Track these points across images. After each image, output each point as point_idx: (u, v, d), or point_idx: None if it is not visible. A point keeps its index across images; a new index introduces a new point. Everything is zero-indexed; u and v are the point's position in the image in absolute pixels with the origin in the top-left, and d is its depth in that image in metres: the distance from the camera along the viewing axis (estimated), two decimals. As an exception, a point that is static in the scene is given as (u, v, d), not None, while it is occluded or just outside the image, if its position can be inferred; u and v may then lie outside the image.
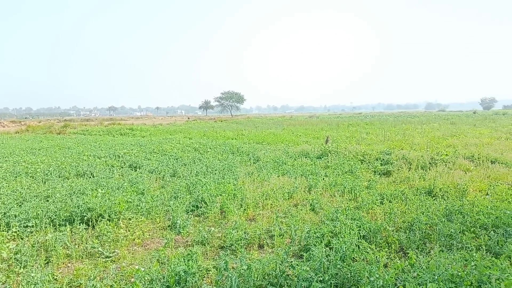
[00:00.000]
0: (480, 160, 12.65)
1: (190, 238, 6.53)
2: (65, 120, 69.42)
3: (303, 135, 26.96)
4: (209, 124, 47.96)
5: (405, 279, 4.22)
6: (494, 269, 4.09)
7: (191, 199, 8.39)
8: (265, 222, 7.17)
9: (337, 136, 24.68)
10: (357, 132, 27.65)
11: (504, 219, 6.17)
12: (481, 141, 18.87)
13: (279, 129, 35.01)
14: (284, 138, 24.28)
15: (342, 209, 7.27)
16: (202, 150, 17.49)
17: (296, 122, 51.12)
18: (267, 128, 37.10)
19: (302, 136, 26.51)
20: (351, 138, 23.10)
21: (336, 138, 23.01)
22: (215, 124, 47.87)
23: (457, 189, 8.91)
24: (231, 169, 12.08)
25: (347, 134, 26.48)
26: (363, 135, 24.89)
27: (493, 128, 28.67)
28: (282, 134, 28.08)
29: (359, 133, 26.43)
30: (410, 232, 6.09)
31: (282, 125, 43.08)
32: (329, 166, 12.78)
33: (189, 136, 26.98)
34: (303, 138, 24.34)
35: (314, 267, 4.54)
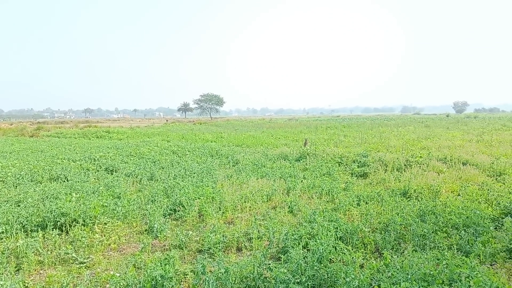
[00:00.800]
0: (452, 162, 13.05)
1: (168, 242, 6.45)
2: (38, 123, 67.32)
3: (282, 138, 27.12)
4: (188, 127, 47.55)
5: (380, 279, 4.31)
6: (464, 267, 4.23)
7: (168, 203, 8.29)
8: (243, 225, 7.16)
9: (315, 138, 24.95)
10: (335, 135, 28.05)
11: (474, 219, 6.38)
12: (453, 144, 19.48)
13: (258, 131, 35.09)
14: (264, 140, 24.36)
15: (319, 211, 7.35)
16: (181, 153, 17.32)
17: (276, 124, 51.36)
18: (247, 130, 37.13)
19: (282, 138, 26.67)
20: (329, 140, 23.39)
21: (315, 140, 23.27)
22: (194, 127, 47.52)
23: (430, 190, 9.16)
24: (210, 172, 12.02)
25: (326, 136, 26.81)
26: (341, 137, 25.26)
27: (464, 131, 29.67)
28: (261, 136, 28.15)
29: (337, 136, 26.81)
30: (385, 233, 6.21)
31: (261, 127, 43.21)
32: (307, 169, 12.91)
33: (167, 139, 26.67)
34: (283, 141, 24.48)
35: (292, 269, 4.57)
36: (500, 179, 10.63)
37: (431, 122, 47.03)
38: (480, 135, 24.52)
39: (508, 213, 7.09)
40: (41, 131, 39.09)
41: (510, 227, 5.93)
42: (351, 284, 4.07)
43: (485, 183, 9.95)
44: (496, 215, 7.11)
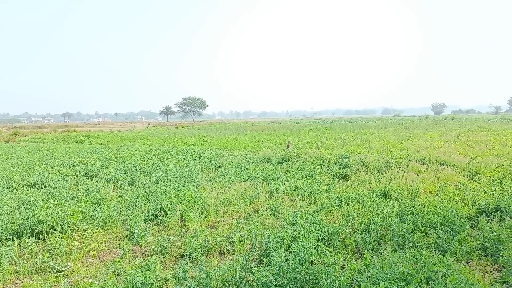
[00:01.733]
0: (430, 163, 13.35)
1: (149, 247, 6.37)
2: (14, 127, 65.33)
3: (265, 141, 27.20)
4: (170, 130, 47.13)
5: (360, 279, 4.37)
6: (441, 266, 4.33)
7: (150, 208, 8.19)
8: (226, 228, 7.14)
9: (298, 141, 25.12)
10: (317, 137, 28.31)
11: (451, 218, 6.54)
12: (432, 145, 19.95)
13: (241, 134, 35.09)
14: (247, 143, 24.37)
15: (301, 213, 7.39)
16: (162, 157, 17.14)
17: (259, 127, 51.48)
18: (230, 134, 37.09)
19: (264, 141, 26.75)
20: (311, 143, 23.59)
21: (297, 143, 23.42)
22: (176, 130, 47.12)
23: (409, 191, 9.34)
24: (192, 176, 11.93)
25: (308, 139, 27.04)
26: (323, 140, 25.52)
27: (442, 132, 30.43)
28: (244, 139, 28.16)
29: (319, 138, 27.08)
30: (366, 234, 6.30)
31: (244, 130, 43.23)
32: (290, 171, 12.97)
33: (149, 143, 26.37)
34: (265, 144, 24.56)
35: (274, 272, 4.58)
36: (476, 178, 10.93)
37: (411, 124, 48.05)
38: (457, 136, 25.19)
39: (483, 212, 7.30)
40: (17, 136, 38.01)
41: (485, 226, 6.11)
42: (332, 285, 4.11)
43: (462, 183, 10.23)
44: (472, 214, 7.31)
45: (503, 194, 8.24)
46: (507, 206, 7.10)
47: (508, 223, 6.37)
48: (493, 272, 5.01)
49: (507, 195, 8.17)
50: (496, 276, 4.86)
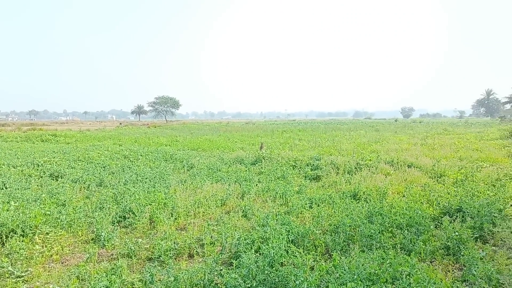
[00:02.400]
0: (398, 165, 13.75)
1: (116, 251, 6.19)
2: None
3: (239, 142, 27.14)
4: (141, 130, 46.15)
5: (328, 280, 4.42)
6: (406, 265, 4.45)
7: (118, 210, 7.97)
8: (196, 230, 7.05)
9: (271, 142, 25.23)
10: (290, 139, 28.54)
11: (417, 219, 6.75)
12: (400, 147, 20.56)
13: (215, 135, 34.87)
14: (220, 144, 24.23)
15: (272, 215, 7.41)
16: (133, 157, 16.75)
17: (233, 128, 51.34)
18: (203, 134, 36.76)
19: (238, 142, 26.68)
20: (284, 144, 23.75)
21: (271, 144, 23.52)
22: (148, 130, 46.21)
23: (378, 192, 9.57)
24: (163, 177, 11.72)
25: (281, 140, 27.21)
26: (296, 141, 25.75)
27: (410, 135, 31.44)
28: (218, 140, 27.99)
29: (292, 140, 27.30)
30: (335, 234, 6.39)
31: (218, 131, 42.99)
32: (262, 172, 13.00)
33: (119, 143, 25.69)
34: (239, 145, 24.50)
35: (243, 274, 4.56)
36: (440, 180, 11.35)
37: (381, 126, 49.37)
38: (424, 139, 26.09)
39: (446, 213, 7.58)
40: (-23, 134, 36.07)
41: (447, 226, 6.33)
42: (300, 287, 4.13)
43: (427, 184, 10.59)
44: (436, 215, 7.57)
45: (465, 196, 8.58)
46: (469, 207, 7.40)
47: (469, 223, 6.64)
48: (455, 271, 5.20)
49: (469, 196, 8.52)
50: (457, 275, 5.04)
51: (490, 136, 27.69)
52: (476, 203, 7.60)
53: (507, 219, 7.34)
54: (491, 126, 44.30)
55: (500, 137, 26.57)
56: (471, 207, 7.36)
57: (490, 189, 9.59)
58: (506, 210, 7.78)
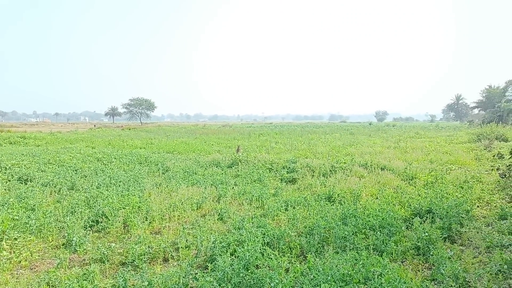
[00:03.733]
0: (372, 167, 14.06)
1: (88, 256, 6.04)
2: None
3: (215, 144, 27.02)
4: (115, 132, 45.16)
5: (303, 281, 4.47)
6: (378, 266, 4.57)
7: (90, 214, 7.77)
8: (171, 234, 6.97)
9: (248, 145, 25.25)
10: (267, 142, 28.65)
11: (389, 220, 6.93)
12: (374, 150, 21.03)
13: (191, 138, 34.56)
14: (196, 147, 24.05)
15: (248, 218, 7.43)
16: (106, 160, 16.36)
17: (209, 131, 51.05)
18: (179, 137, 36.36)
19: (215, 145, 26.56)
20: (261, 147, 23.82)
21: (248, 147, 23.54)
22: (123, 132, 45.29)
23: (352, 194, 9.75)
24: (137, 181, 11.52)
25: (258, 143, 27.27)
26: (272, 144, 25.87)
27: (384, 138, 32.22)
28: (194, 143, 27.76)
29: (269, 143, 27.42)
30: (310, 236, 6.47)
31: (194, 134, 42.63)
32: (239, 175, 13.00)
33: (92, 145, 25.05)
34: (215, 147, 24.39)
35: (218, 278, 4.55)
36: (412, 182, 11.70)
37: (356, 130, 50.32)
38: (397, 142, 26.78)
39: (417, 214, 7.82)
40: None
41: (418, 227, 6.54)
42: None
43: (400, 186, 10.89)
44: (408, 216, 7.79)
45: (435, 197, 8.88)
46: (438, 208, 7.67)
47: (438, 224, 6.88)
48: (424, 270, 5.38)
49: (438, 198, 8.81)
50: (427, 274, 5.21)
51: (459, 140, 28.78)
52: (445, 205, 7.89)
53: (474, 219, 7.66)
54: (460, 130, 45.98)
55: (468, 140, 27.64)
56: (440, 209, 7.64)
57: (458, 190, 9.97)
58: (473, 211, 8.12)
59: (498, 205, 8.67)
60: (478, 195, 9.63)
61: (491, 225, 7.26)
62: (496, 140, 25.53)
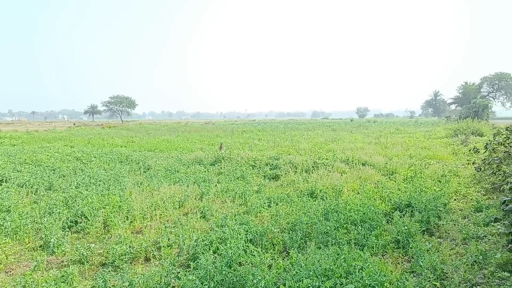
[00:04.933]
0: (353, 163, 14.24)
1: (66, 257, 5.89)
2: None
3: (198, 142, 26.83)
4: (95, 131, 44.30)
5: (285, 277, 4.48)
6: (359, 260, 4.63)
7: (69, 214, 7.59)
8: (153, 233, 6.88)
9: (231, 142, 25.19)
10: (250, 139, 28.65)
11: (370, 215, 7.04)
12: (355, 146, 21.30)
13: (173, 135, 34.22)
14: (178, 145, 23.82)
15: (231, 215, 7.41)
16: (86, 159, 16.02)
17: (192, 128, 50.66)
18: (161, 135, 35.94)
19: (197, 143, 26.37)
20: (244, 144, 23.80)
21: (230, 144, 23.48)
22: (103, 131, 44.46)
23: (334, 190, 9.86)
24: (118, 179, 11.32)
25: (241, 140, 27.23)
26: (255, 141, 25.89)
27: (365, 134, 32.69)
28: (176, 141, 27.49)
29: (252, 140, 27.42)
30: (293, 232, 6.49)
31: (176, 131, 42.22)
32: (222, 173, 12.95)
33: (70, 144, 24.49)
34: (198, 145, 24.22)
35: (200, 276, 4.51)
36: (392, 177, 11.91)
37: (337, 126, 50.87)
38: (377, 138, 27.20)
39: (397, 208, 7.96)
40: None
41: (398, 221, 6.66)
42: (258, 285, 4.17)
43: (380, 181, 11.08)
44: (388, 210, 7.93)
45: (414, 191, 9.06)
46: (417, 202, 7.84)
47: (417, 218, 7.03)
48: (404, 263, 5.48)
49: (417, 192, 9.00)
50: (406, 267, 5.32)
51: (437, 135, 29.49)
52: (424, 198, 8.07)
53: (451, 212, 7.87)
54: (438, 125, 47.08)
55: (446, 135, 28.36)
56: (419, 202, 7.80)
57: (436, 184, 10.23)
58: (450, 204, 8.34)
59: (474, 198, 8.92)
60: (455, 189, 9.90)
61: (467, 218, 7.48)
62: (472, 135, 26.27)
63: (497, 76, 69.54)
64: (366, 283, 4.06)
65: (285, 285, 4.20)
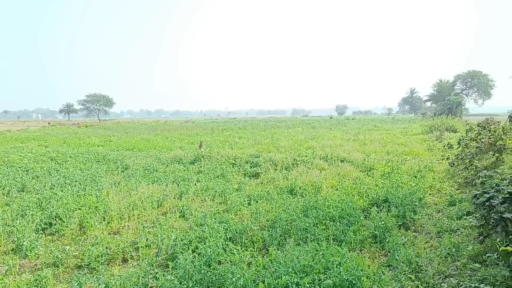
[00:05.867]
0: (332, 160, 14.40)
1: (40, 260, 5.72)
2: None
3: (177, 141, 26.53)
4: (71, 130, 43.13)
5: (264, 275, 4.49)
6: (337, 255, 4.69)
7: (43, 216, 7.37)
8: (130, 234, 6.78)
9: (211, 141, 25.04)
10: (230, 137, 28.54)
11: (348, 211, 7.14)
12: (334, 143, 21.54)
13: (152, 134, 33.71)
14: (157, 144, 23.49)
15: (211, 213, 7.37)
16: (61, 159, 15.58)
17: (171, 127, 50.01)
18: (139, 133, 35.33)
19: (177, 141, 26.08)
20: (224, 142, 23.70)
21: (211, 143, 23.34)
22: (79, 130, 43.34)
23: (313, 187, 9.95)
24: (95, 180, 11.07)
25: (221, 138, 27.10)
26: (236, 139, 25.80)
27: (344, 131, 33.10)
28: (155, 139, 27.10)
29: (232, 138, 27.32)
30: (272, 230, 6.51)
31: (155, 130, 41.61)
32: (201, 171, 12.86)
33: (45, 144, 23.77)
34: (177, 144, 23.95)
35: (179, 275, 4.47)
36: (370, 173, 12.12)
37: (317, 124, 51.31)
38: (356, 135, 27.61)
39: (375, 203, 8.11)
40: None
41: (375, 216, 6.78)
42: (237, 284, 4.15)
43: (358, 177, 11.23)
44: (366, 206, 8.07)
45: (391, 187, 9.26)
46: (394, 197, 8.01)
47: (394, 212, 7.19)
48: (381, 257, 5.59)
49: (394, 187, 9.20)
50: (383, 261, 5.42)
51: (413, 131, 30.19)
52: (400, 194, 8.26)
53: (426, 206, 8.07)
54: (415, 122, 48.18)
55: (422, 132, 29.08)
56: (396, 198, 7.98)
57: (412, 180, 10.48)
58: (425, 199, 8.56)
59: (447, 192, 9.18)
60: (430, 184, 10.16)
61: (441, 211, 7.69)
62: (447, 131, 27.03)
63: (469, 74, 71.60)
64: (344, 278, 4.11)
65: (264, 283, 4.21)
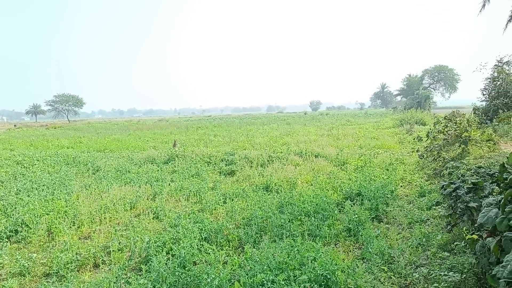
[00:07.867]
0: (307, 155, 14.52)
1: (5, 270, 5.45)
2: None
3: (150, 140, 26.03)
4: (39, 132, 41.49)
5: (240, 274, 4.45)
6: (312, 251, 4.71)
7: (7, 223, 7.03)
8: (102, 238, 6.56)
9: (186, 139, 24.73)
10: (205, 135, 28.29)
11: (322, 205, 7.21)
12: (309, 138, 21.75)
13: (124, 134, 32.94)
14: (130, 144, 22.96)
15: (185, 214, 7.26)
16: (27, 163, 14.94)
17: (144, 126, 49.03)
18: (111, 134, 34.43)
19: (150, 141, 25.58)
20: (199, 141, 23.46)
21: (185, 141, 23.05)
22: (47, 132, 41.74)
23: (288, 183, 9.99)
24: (64, 183, 10.68)
25: (196, 137, 26.82)
26: (211, 137, 25.60)
27: (318, 127, 33.50)
28: (127, 140, 26.48)
29: (207, 136, 27.10)
30: (248, 227, 6.49)
31: (128, 130, 40.67)
32: (176, 171, 12.66)
33: (10, 147, 22.75)
34: (151, 143, 23.50)
35: (153, 279, 4.36)
36: (343, 168, 12.30)
37: (292, 120, 51.65)
38: (330, 130, 27.99)
39: (348, 197, 8.24)
40: None
41: (349, 209, 6.88)
42: (212, 284, 4.10)
43: (332, 172, 11.39)
44: (340, 200, 8.17)
45: (364, 180, 9.42)
46: (366, 190, 8.16)
47: (367, 205, 7.33)
48: (355, 250, 5.67)
49: (367, 181, 9.37)
50: (357, 254, 5.50)
51: (385, 125, 30.94)
52: (373, 187, 8.42)
53: (398, 198, 8.27)
54: (386, 116, 49.35)
55: (393, 125, 29.85)
56: (369, 191, 8.13)
57: (384, 173, 10.71)
58: (397, 191, 8.77)
59: (418, 184, 9.45)
60: (401, 176, 10.42)
61: (412, 203, 7.89)
62: (416, 125, 27.87)
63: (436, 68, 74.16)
64: (319, 273, 4.13)
65: (240, 282, 4.17)
